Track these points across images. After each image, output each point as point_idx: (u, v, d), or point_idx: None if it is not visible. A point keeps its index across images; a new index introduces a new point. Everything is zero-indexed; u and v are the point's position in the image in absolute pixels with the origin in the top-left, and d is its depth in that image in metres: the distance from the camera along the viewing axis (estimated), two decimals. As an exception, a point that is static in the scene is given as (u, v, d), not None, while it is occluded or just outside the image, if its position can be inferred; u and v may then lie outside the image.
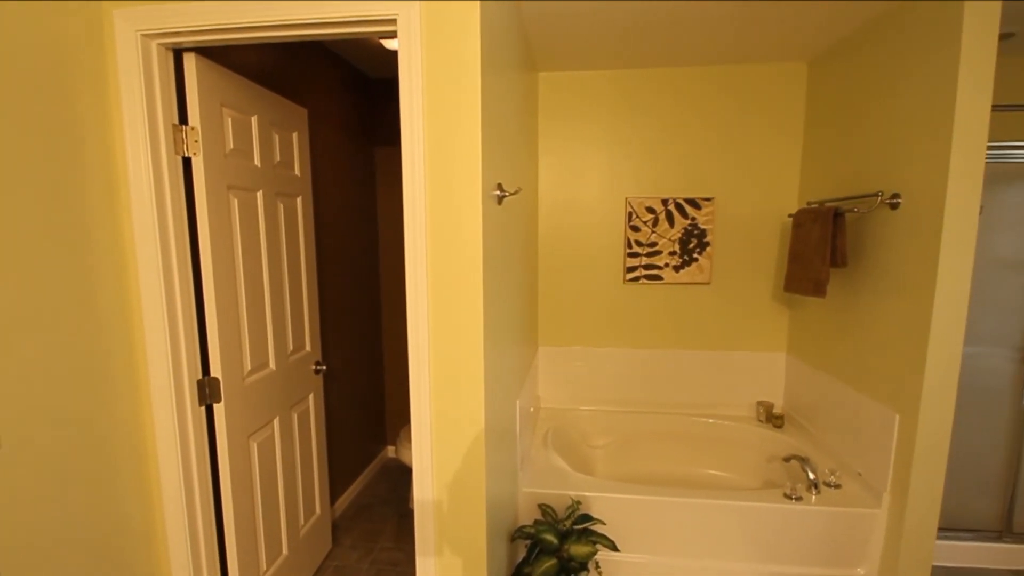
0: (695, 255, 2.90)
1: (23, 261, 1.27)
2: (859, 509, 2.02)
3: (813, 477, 2.13)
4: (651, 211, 2.89)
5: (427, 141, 1.43)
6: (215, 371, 1.70)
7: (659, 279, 2.94)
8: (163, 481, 1.63)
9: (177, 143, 1.58)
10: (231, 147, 1.74)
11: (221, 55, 1.84)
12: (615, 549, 1.91)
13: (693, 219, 2.87)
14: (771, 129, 2.78)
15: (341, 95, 2.86)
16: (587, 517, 2.01)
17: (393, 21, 1.41)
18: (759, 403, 2.90)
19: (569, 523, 1.98)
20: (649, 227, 2.91)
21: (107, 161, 1.50)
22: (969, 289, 1.77)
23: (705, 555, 2.13)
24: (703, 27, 2.25)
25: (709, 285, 2.92)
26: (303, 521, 2.24)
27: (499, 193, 1.68)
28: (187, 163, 1.61)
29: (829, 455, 2.43)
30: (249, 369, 1.85)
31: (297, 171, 2.17)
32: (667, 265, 2.92)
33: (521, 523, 2.19)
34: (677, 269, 2.92)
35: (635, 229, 2.92)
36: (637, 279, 2.95)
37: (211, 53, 1.71)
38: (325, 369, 2.37)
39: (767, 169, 2.81)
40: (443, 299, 1.49)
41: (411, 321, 1.49)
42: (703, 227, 2.87)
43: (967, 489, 2.38)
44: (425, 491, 1.56)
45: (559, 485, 2.21)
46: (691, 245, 2.89)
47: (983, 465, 2.37)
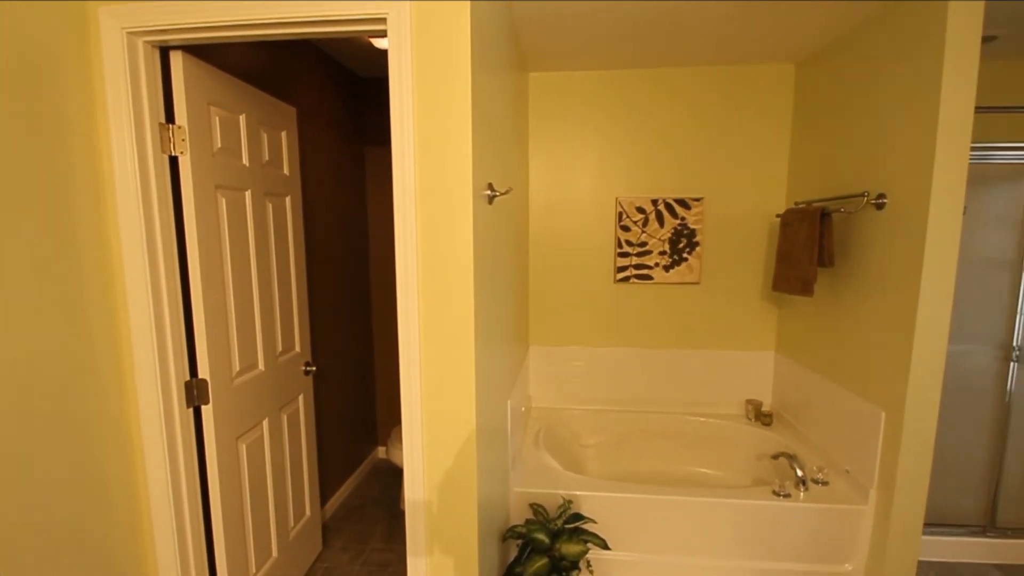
0: (685, 255, 2.92)
1: (5, 261, 1.24)
2: (846, 505, 2.05)
3: (801, 474, 2.15)
4: (641, 211, 2.91)
5: (417, 141, 1.42)
6: (203, 372, 1.68)
7: (649, 279, 2.95)
8: (150, 484, 1.61)
9: (164, 142, 1.56)
10: (219, 146, 1.72)
11: (209, 53, 1.82)
12: (606, 548, 1.91)
13: (683, 219, 2.89)
14: (759, 129, 2.80)
15: (331, 94, 2.85)
16: (578, 516, 2.01)
17: (383, 20, 1.40)
18: (748, 401, 2.92)
19: (560, 522, 1.98)
20: (639, 227, 2.92)
21: (93, 160, 1.48)
22: (953, 288, 1.80)
23: (695, 553, 2.14)
24: (693, 28, 2.27)
25: (699, 285, 2.94)
26: (293, 523, 2.22)
27: (490, 193, 1.67)
28: (174, 162, 1.60)
29: (817, 452, 2.45)
30: (238, 370, 1.84)
31: (286, 170, 2.16)
32: (657, 265, 2.94)
33: (512, 523, 2.19)
34: (667, 269, 2.93)
35: (625, 229, 2.93)
36: (627, 279, 2.96)
37: (199, 51, 1.69)
38: (315, 370, 2.35)
39: (756, 169, 2.83)
40: (434, 299, 1.48)
41: (402, 321, 1.49)
42: (693, 227, 2.89)
43: (952, 485, 2.42)
44: (416, 491, 1.55)
45: (550, 484, 2.21)
46: (681, 245, 2.91)
47: (967, 461, 2.41)
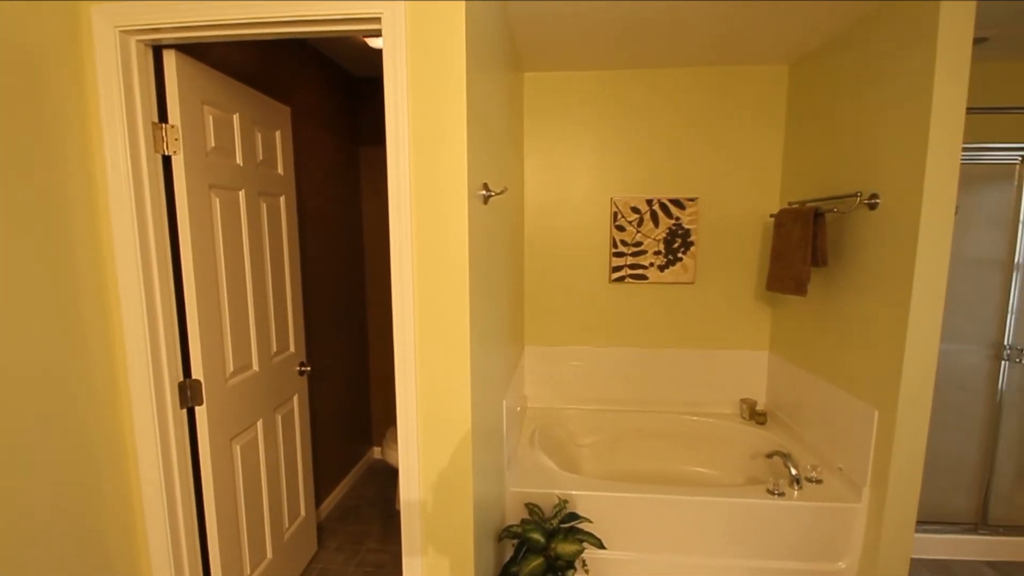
0: (679, 255, 2.92)
1: (-4, 262, 1.24)
2: (840, 504, 2.06)
3: (795, 473, 2.16)
4: (636, 211, 2.91)
5: (412, 141, 1.42)
6: (197, 373, 1.67)
7: (644, 279, 2.96)
8: (144, 485, 1.60)
9: (157, 141, 1.55)
10: (212, 145, 1.71)
11: (202, 52, 1.81)
12: (602, 547, 1.92)
13: (677, 219, 2.90)
14: (754, 130, 2.82)
15: (325, 94, 2.84)
16: (574, 515, 2.02)
17: (378, 20, 1.40)
18: (742, 400, 2.94)
19: (556, 522, 1.98)
20: (634, 227, 2.93)
21: (85, 160, 1.47)
22: (945, 287, 1.81)
23: (690, 551, 2.15)
24: (687, 28, 2.27)
25: (693, 284, 2.95)
26: (287, 524, 2.22)
27: (485, 193, 1.67)
28: (167, 161, 1.59)
29: (811, 451, 2.47)
30: (232, 371, 1.83)
31: (280, 170, 2.15)
32: (652, 265, 2.94)
33: (508, 522, 2.19)
34: (662, 269, 2.94)
35: (620, 229, 2.94)
36: (622, 279, 2.97)
37: (192, 50, 1.68)
38: (310, 370, 2.35)
39: (750, 169, 2.84)
40: (429, 299, 1.48)
41: (397, 321, 1.49)
42: (687, 227, 2.90)
43: (944, 483, 2.43)
44: (412, 491, 1.55)
45: (546, 484, 2.22)
46: (675, 245, 2.92)
47: (959, 459, 2.43)
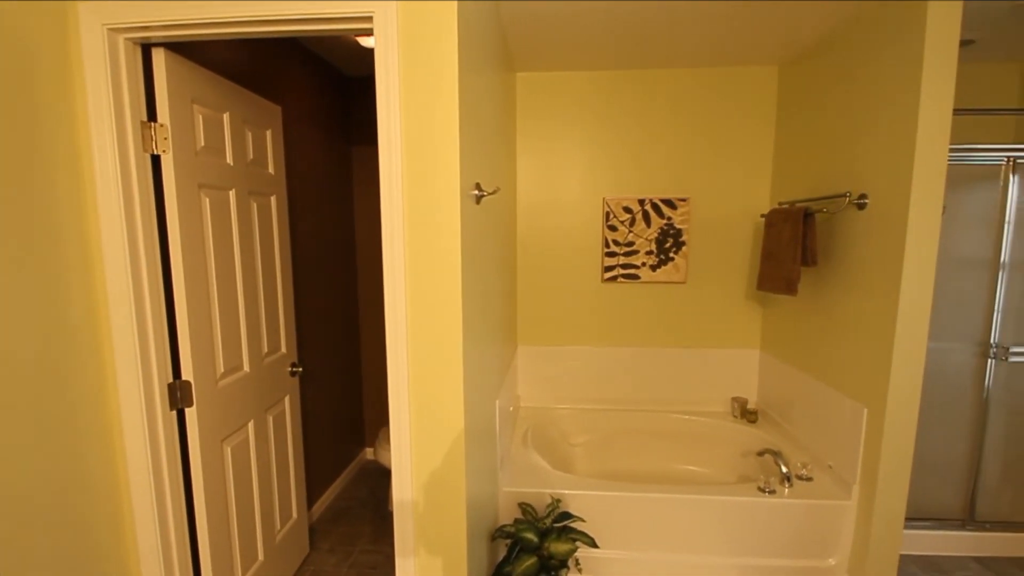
0: (671, 254, 2.94)
1: (-18, 262, 1.22)
2: (830, 501, 2.08)
3: (786, 470, 2.18)
4: (628, 211, 2.92)
5: (404, 140, 1.42)
6: (186, 374, 1.66)
7: (636, 278, 2.97)
8: (133, 488, 1.58)
9: (146, 140, 1.54)
10: (202, 144, 1.70)
11: (192, 51, 1.80)
12: (595, 546, 1.92)
13: (669, 219, 2.91)
14: (744, 130, 2.83)
15: (317, 93, 2.82)
16: (567, 515, 2.02)
17: (369, 19, 1.39)
18: (734, 399, 2.95)
19: (549, 521, 1.99)
20: (626, 227, 2.94)
21: (73, 159, 1.45)
22: (933, 286, 1.83)
23: (683, 549, 2.16)
24: (679, 29, 2.28)
25: (685, 284, 2.97)
26: (279, 526, 2.20)
27: (477, 193, 1.67)
28: (156, 161, 1.57)
29: (801, 449, 2.49)
30: (222, 372, 1.82)
31: (271, 169, 2.14)
32: (644, 264, 2.96)
33: (501, 522, 2.19)
34: (654, 268, 2.95)
35: (612, 229, 2.94)
36: (615, 278, 2.98)
37: (181, 49, 1.67)
38: (301, 371, 2.33)
39: (740, 170, 2.86)
40: (421, 299, 1.48)
41: (389, 321, 1.48)
42: (679, 227, 2.91)
43: (932, 479, 2.46)
44: (404, 492, 1.55)
45: (539, 484, 2.22)
46: (667, 244, 2.93)
47: (947, 456, 2.46)
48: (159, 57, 1.52)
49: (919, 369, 1.88)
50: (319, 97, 2.86)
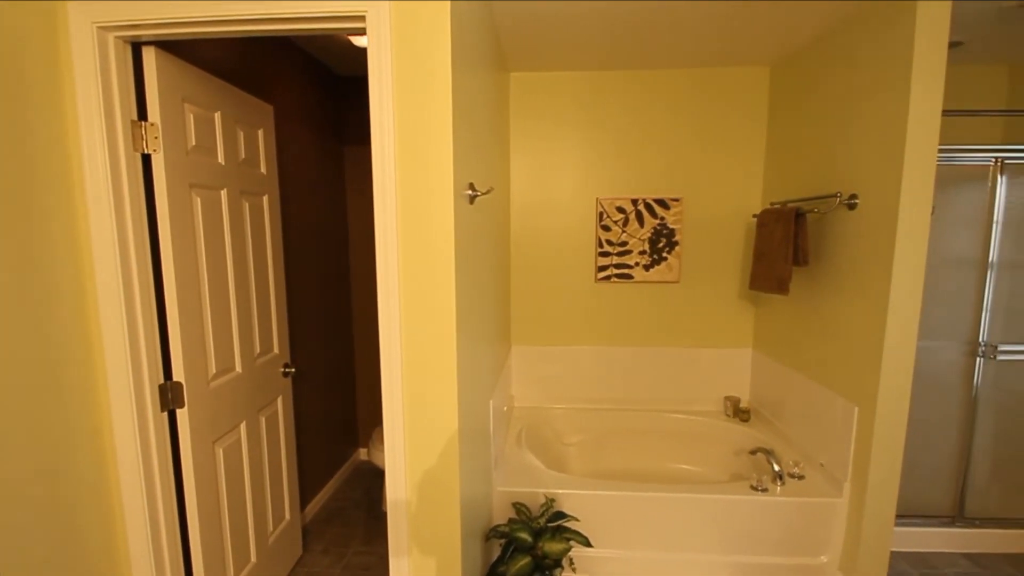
0: (664, 254, 2.95)
1: (-31, 262, 1.20)
2: (822, 499, 2.09)
3: (778, 469, 2.19)
4: (621, 211, 2.93)
5: (397, 140, 1.42)
6: (178, 375, 1.65)
7: (630, 278, 2.98)
8: (124, 490, 1.57)
9: (136, 139, 1.53)
10: (193, 144, 1.69)
11: (183, 49, 1.78)
12: (588, 545, 1.92)
13: (662, 219, 2.92)
14: (736, 131, 2.85)
15: (309, 92, 2.81)
16: (561, 514, 2.02)
17: (362, 18, 1.39)
18: (727, 398, 2.97)
19: (543, 521, 1.99)
20: (619, 227, 2.94)
21: (62, 158, 1.43)
22: (922, 286, 1.85)
23: (676, 548, 2.17)
24: (671, 30, 2.29)
25: (678, 284, 2.98)
26: (272, 527, 2.19)
27: (471, 193, 1.67)
28: (147, 160, 1.56)
29: (793, 447, 2.50)
30: (214, 373, 1.80)
31: (263, 169, 2.12)
32: (637, 264, 2.96)
33: (495, 522, 2.19)
34: (647, 268, 2.96)
35: (606, 229, 2.95)
36: (608, 278, 2.99)
37: (172, 47, 1.65)
38: (294, 371, 2.32)
39: (732, 170, 2.88)
40: (415, 299, 1.47)
41: (383, 321, 1.48)
42: (672, 227, 2.92)
43: (922, 477, 2.49)
44: (398, 492, 1.54)
45: (533, 483, 2.22)
46: (660, 244, 2.94)
47: (937, 454, 2.48)
48: (149, 56, 1.51)
49: (909, 368, 1.90)
50: (312, 96, 2.84)
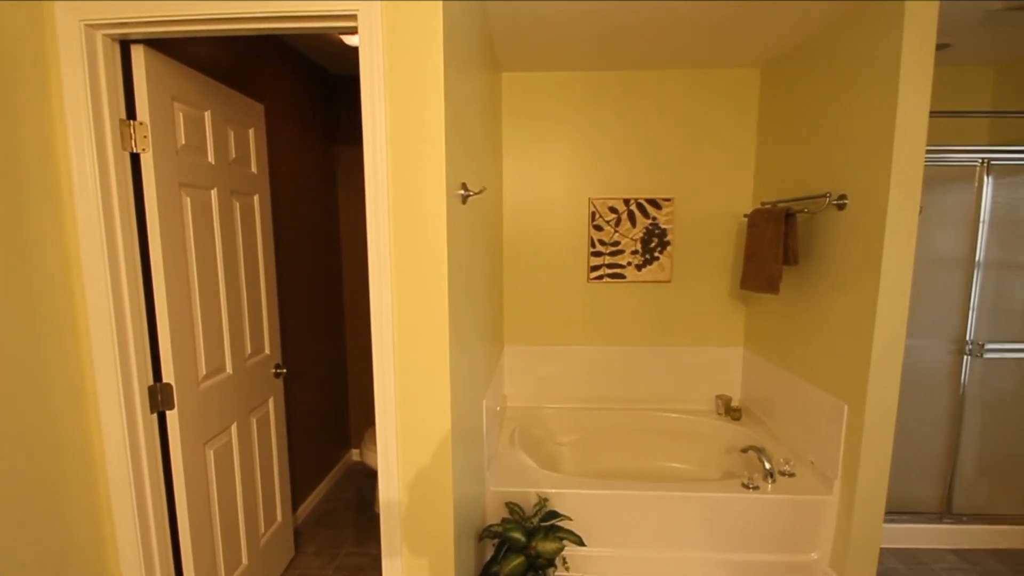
0: (656, 254, 2.96)
1: (-46, 263, 1.19)
2: (812, 496, 2.11)
3: (769, 467, 2.21)
4: (613, 211, 2.94)
5: (390, 140, 1.41)
6: (167, 377, 1.63)
7: (622, 278, 2.99)
8: (113, 493, 1.55)
9: (124, 138, 1.51)
10: (183, 143, 1.67)
11: (173, 48, 1.77)
12: (582, 544, 1.93)
13: (654, 219, 2.93)
14: (727, 131, 2.87)
15: (300, 91, 2.80)
16: (554, 514, 2.03)
17: (353, 17, 1.38)
18: (718, 397, 2.99)
19: (536, 520, 1.99)
20: (612, 227, 2.95)
21: (49, 157, 1.41)
22: (910, 285, 1.87)
23: (668, 546, 2.18)
24: (663, 31, 2.30)
25: (670, 283, 2.99)
26: (263, 529, 2.18)
27: (463, 192, 1.67)
28: (136, 160, 1.55)
29: (784, 445, 2.52)
30: (204, 374, 1.79)
31: (254, 168, 2.11)
32: (629, 264, 2.98)
33: (489, 522, 2.19)
34: (639, 268, 2.98)
35: (598, 229, 2.96)
36: (601, 278, 2.99)
37: (161, 45, 1.64)
38: (285, 372, 2.31)
39: (724, 170, 2.89)
40: (408, 299, 1.47)
41: (375, 321, 1.47)
42: (664, 227, 2.94)
43: (910, 474, 2.51)
44: (391, 492, 1.54)
45: (526, 483, 2.22)
46: (652, 244, 2.95)
47: (925, 451, 2.51)
48: (138, 54, 1.50)
49: (897, 366, 1.92)
50: (303, 96, 2.83)
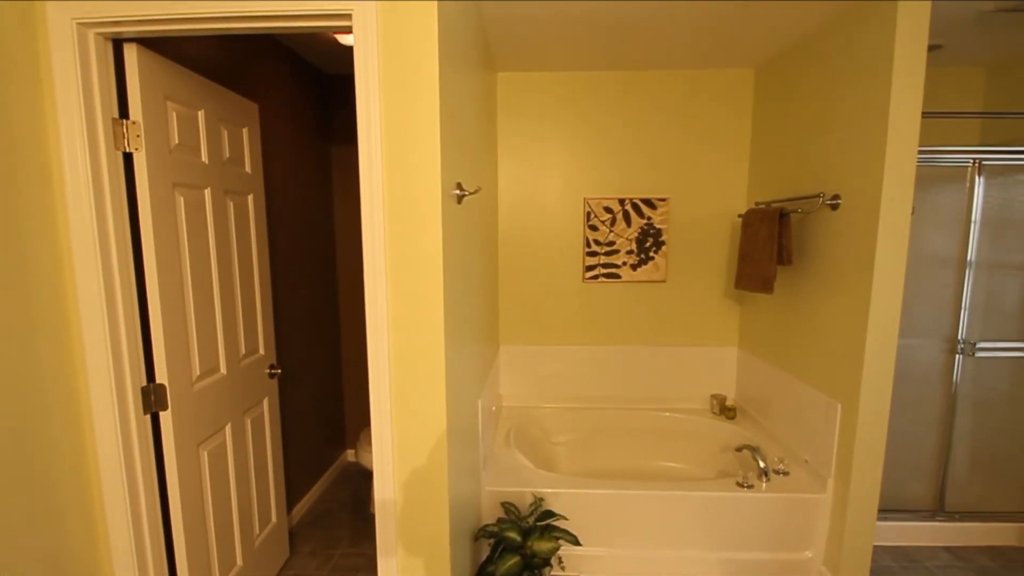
0: (651, 254, 2.97)
1: (-56, 263, 1.17)
2: (806, 495, 2.12)
3: (763, 465, 2.22)
4: (609, 211, 2.95)
5: (385, 139, 1.41)
6: (161, 377, 1.62)
7: (617, 277, 2.99)
8: (106, 495, 1.54)
9: (117, 138, 1.50)
10: (176, 142, 1.67)
11: (166, 47, 1.76)
12: (577, 544, 1.93)
13: (649, 219, 2.94)
14: (722, 132, 2.88)
15: (295, 91, 2.79)
16: (549, 513, 2.03)
17: (348, 16, 1.38)
18: (713, 396, 3.00)
19: (532, 520, 1.99)
20: (607, 227, 2.96)
21: (42, 157, 1.40)
22: (903, 284, 1.89)
23: (663, 545, 2.19)
24: (659, 32, 2.31)
25: (665, 283, 3.00)
26: (258, 530, 2.17)
27: (459, 192, 1.67)
28: (128, 159, 1.54)
29: (778, 444, 2.54)
30: (198, 374, 1.78)
31: (248, 168, 2.10)
32: (625, 264, 2.98)
33: (484, 522, 2.19)
34: (634, 268, 2.98)
35: (593, 229, 2.96)
36: (596, 277, 3.00)
37: (154, 44, 1.63)
38: (280, 372, 2.30)
39: (718, 170, 2.90)
40: (403, 299, 1.47)
41: (370, 321, 1.47)
42: (659, 226, 2.94)
43: (903, 472, 2.53)
44: (386, 492, 1.54)
45: (522, 483, 2.22)
46: (647, 244, 2.96)
47: (917, 449, 2.52)
48: (131, 53, 1.49)
49: (890, 365, 1.93)
50: (297, 95, 2.82)
